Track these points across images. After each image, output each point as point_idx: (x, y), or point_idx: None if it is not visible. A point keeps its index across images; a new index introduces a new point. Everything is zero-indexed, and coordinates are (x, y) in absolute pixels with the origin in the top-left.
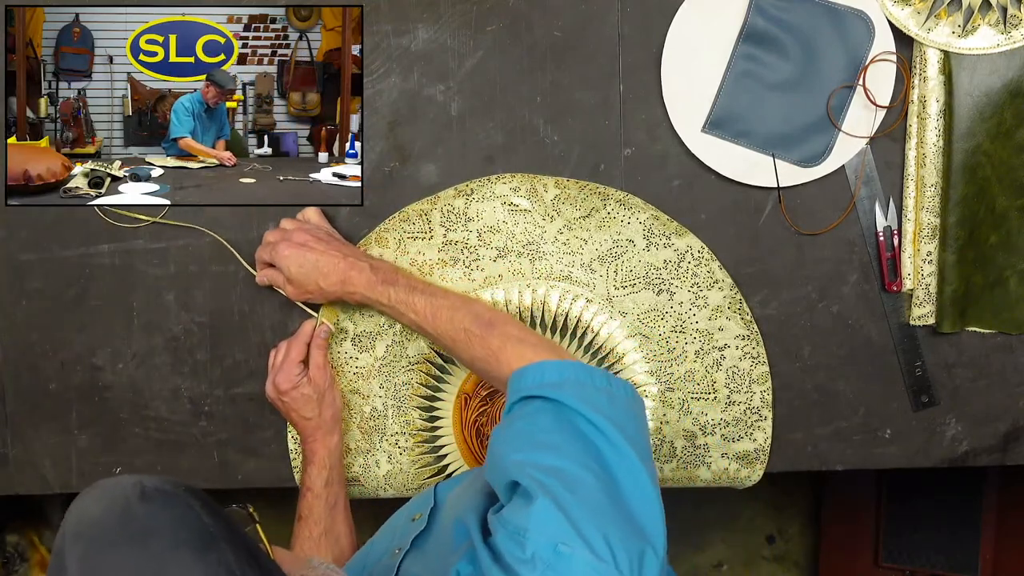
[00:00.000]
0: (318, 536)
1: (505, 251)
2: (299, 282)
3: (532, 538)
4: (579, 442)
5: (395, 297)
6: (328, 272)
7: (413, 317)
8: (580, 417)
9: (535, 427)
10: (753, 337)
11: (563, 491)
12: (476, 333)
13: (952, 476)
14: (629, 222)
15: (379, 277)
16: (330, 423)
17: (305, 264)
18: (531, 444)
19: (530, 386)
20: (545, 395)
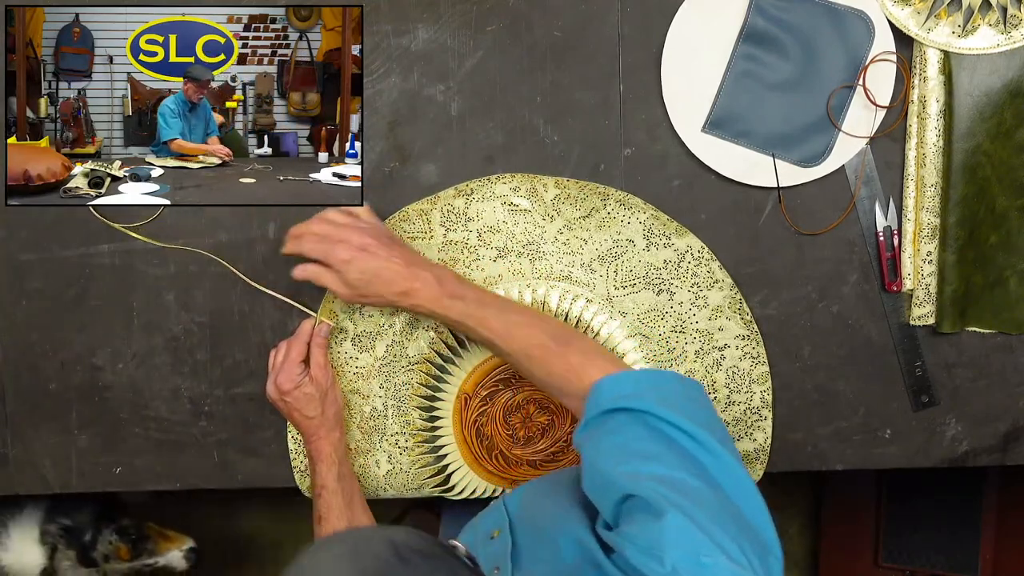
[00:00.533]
0: None
1: (505, 251)
2: (358, 288)
3: (670, 552)
4: (674, 449)
5: (465, 312)
6: (391, 280)
7: (485, 334)
8: (667, 424)
9: (629, 438)
10: (753, 337)
11: (686, 501)
12: (554, 349)
13: (952, 476)
14: (629, 222)
15: (446, 290)
16: (333, 420)
17: (367, 271)
18: (633, 456)
19: (609, 399)
20: (628, 407)
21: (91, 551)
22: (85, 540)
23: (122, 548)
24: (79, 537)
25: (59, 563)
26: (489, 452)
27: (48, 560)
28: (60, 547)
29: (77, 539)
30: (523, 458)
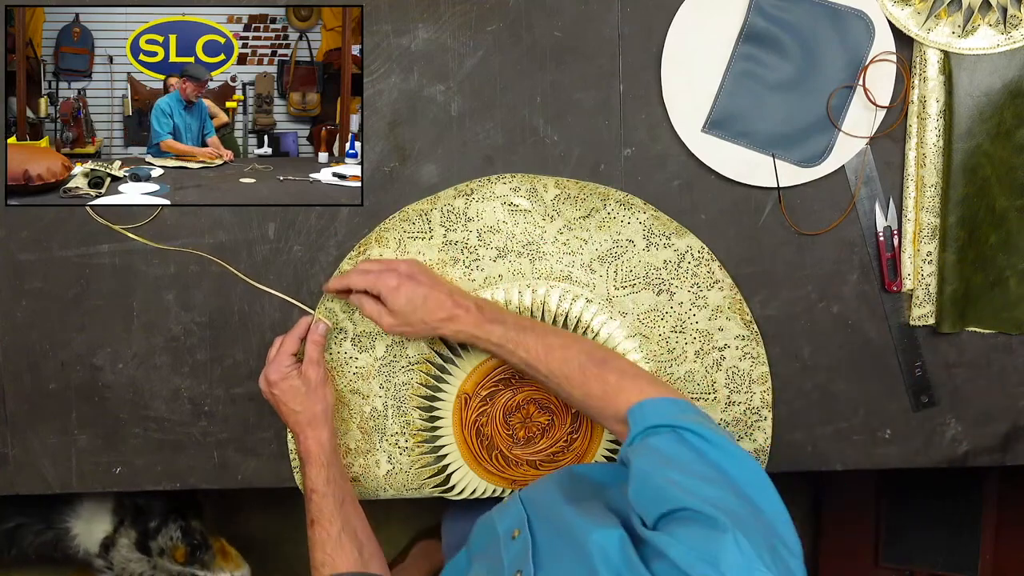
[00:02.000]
0: (336, 535)
1: (505, 251)
2: (403, 315)
3: (726, 561)
4: (716, 469)
5: (505, 336)
6: (434, 308)
7: (524, 356)
8: (708, 443)
9: (680, 455)
10: (753, 337)
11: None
12: (592, 370)
13: (952, 476)
14: (629, 222)
15: (486, 316)
16: (320, 418)
17: (415, 298)
18: (686, 473)
19: (655, 415)
20: (676, 424)
21: (151, 539)
22: (150, 526)
23: (180, 548)
24: (146, 521)
25: (119, 538)
26: (489, 452)
27: (113, 531)
28: (126, 523)
29: (143, 522)
30: (523, 458)
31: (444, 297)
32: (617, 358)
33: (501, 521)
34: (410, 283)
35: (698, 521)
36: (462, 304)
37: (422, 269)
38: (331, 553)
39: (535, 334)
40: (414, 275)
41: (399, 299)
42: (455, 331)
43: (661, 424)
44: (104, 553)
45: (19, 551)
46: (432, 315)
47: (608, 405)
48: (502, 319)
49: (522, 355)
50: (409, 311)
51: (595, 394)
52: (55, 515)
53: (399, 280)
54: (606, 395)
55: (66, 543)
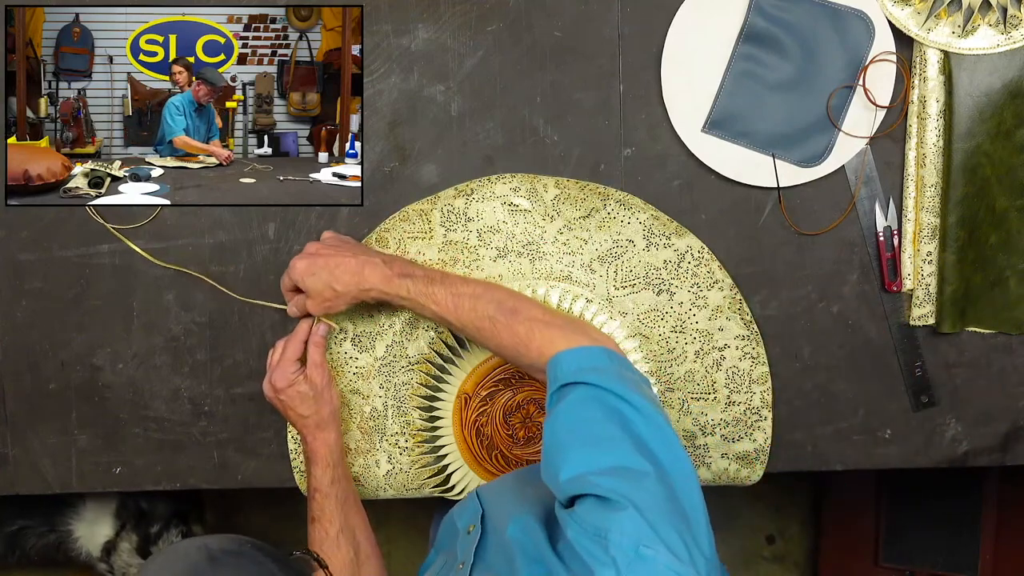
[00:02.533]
0: (335, 535)
1: (505, 251)
2: (316, 291)
3: (614, 539)
4: (629, 432)
5: (413, 289)
6: (340, 274)
7: (435, 308)
8: (623, 402)
9: (584, 419)
10: (753, 337)
11: (638, 491)
12: (501, 320)
13: (952, 476)
14: (629, 222)
15: (394, 271)
16: (328, 420)
17: (318, 271)
18: (587, 441)
19: (568, 372)
20: (585, 380)
21: (152, 544)
22: (152, 531)
23: None
24: (147, 526)
25: (120, 542)
26: (489, 452)
27: (114, 535)
28: (128, 527)
29: (145, 527)
30: (523, 458)
31: (347, 259)
32: (529, 306)
33: (460, 517)
34: (311, 259)
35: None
36: (368, 263)
37: (327, 243)
38: (327, 552)
39: (444, 286)
40: (316, 252)
41: (306, 279)
42: (365, 291)
43: (572, 382)
44: (106, 557)
45: (22, 553)
46: (339, 282)
47: (521, 355)
48: (410, 272)
49: (433, 308)
50: (321, 286)
51: (506, 345)
52: (58, 518)
53: (302, 261)
54: (517, 346)
55: (68, 545)
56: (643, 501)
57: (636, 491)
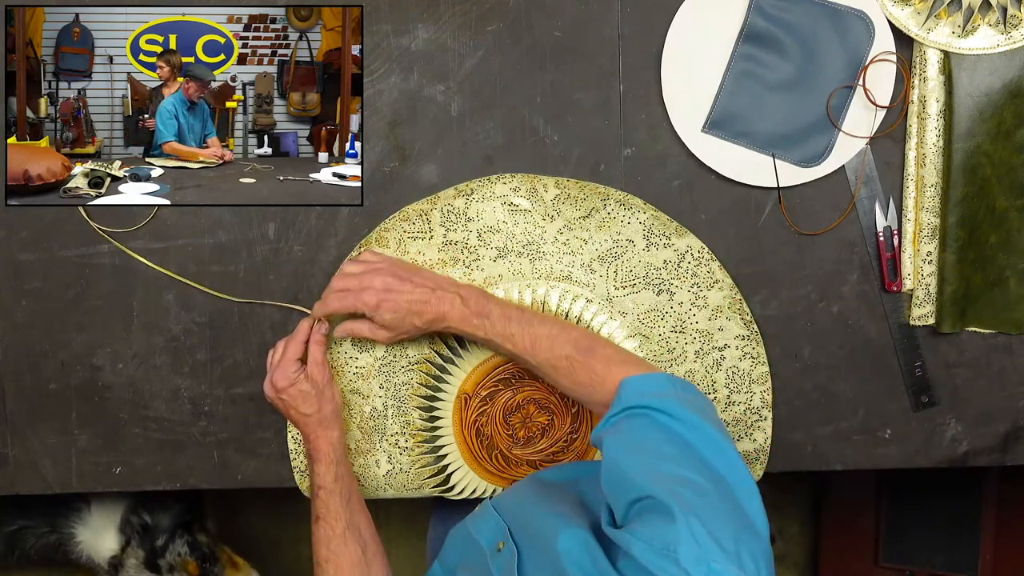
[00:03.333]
0: (341, 532)
1: (505, 251)
2: (394, 327)
3: (684, 554)
4: (690, 452)
5: (491, 330)
6: (420, 311)
7: (511, 348)
8: (686, 425)
9: (651, 439)
10: (753, 337)
11: (701, 504)
12: (578, 360)
13: (952, 476)
14: (629, 222)
15: (471, 309)
16: (330, 418)
17: (398, 310)
18: (653, 456)
19: (634, 395)
20: (650, 404)
21: (159, 557)
22: (157, 544)
23: (191, 563)
24: (153, 539)
25: (127, 558)
26: (489, 452)
27: (120, 551)
28: (133, 543)
29: (150, 540)
30: (523, 458)
31: (427, 297)
32: (604, 345)
33: (480, 533)
34: (389, 296)
35: (656, 510)
36: (446, 299)
37: (397, 275)
38: (335, 550)
39: (520, 325)
40: (390, 287)
41: (385, 316)
42: (445, 327)
43: (634, 406)
44: (114, 572)
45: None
46: (421, 319)
47: (595, 392)
48: (487, 312)
49: (509, 348)
50: (397, 322)
51: (583, 382)
52: (60, 519)
53: (378, 297)
54: (593, 383)
55: (69, 547)
56: (706, 513)
57: (699, 502)
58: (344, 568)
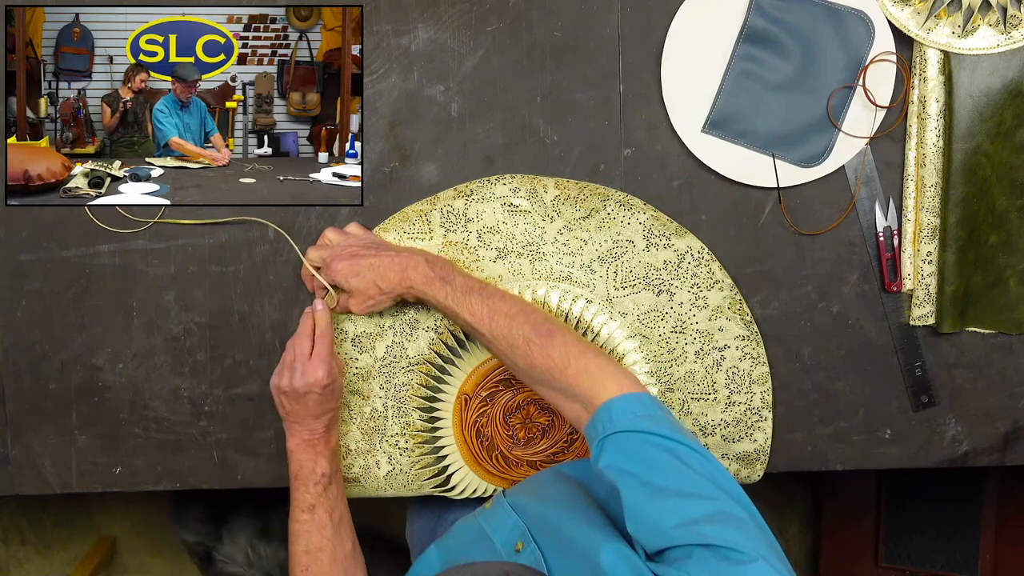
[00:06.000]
0: (337, 522)
1: (505, 252)
2: (360, 290)
3: None
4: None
5: (451, 296)
6: (385, 271)
7: (468, 318)
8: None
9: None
10: (753, 337)
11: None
12: (536, 342)
13: (952, 476)
14: (629, 223)
15: (436, 272)
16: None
17: (361, 271)
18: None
19: (625, 420)
20: (644, 429)
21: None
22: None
23: None
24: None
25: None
26: (489, 453)
27: None
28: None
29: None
30: (523, 459)
31: (392, 258)
32: (565, 333)
33: (494, 531)
34: (355, 260)
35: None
36: (411, 261)
37: (366, 244)
38: (329, 537)
39: (482, 297)
40: (356, 252)
41: (350, 279)
42: (409, 289)
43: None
44: None
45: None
46: (384, 279)
47: (555, 378)
48: (450, 277)
49: (466, 317)
50: (363, 284)
51: (539, 366)
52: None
53: (343, 262)
54: (550, 369)
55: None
56: (763, 551)
57: (749, 539)
58: (339, 558)
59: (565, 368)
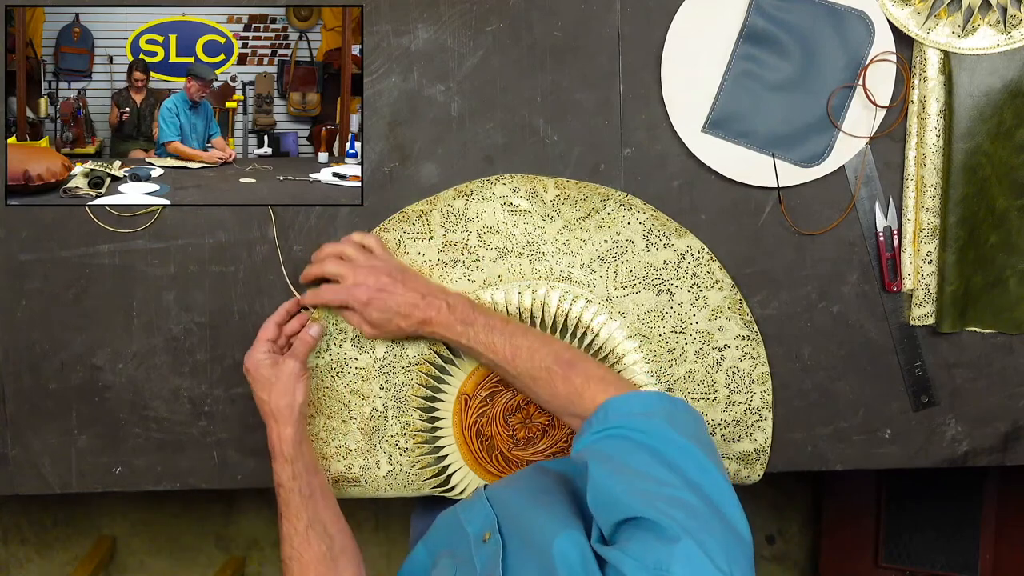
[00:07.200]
0: (304, 530)
1: (505, 252)
2: (380, 325)
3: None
4: (677, 472)
5: (474, 338)
6: (408, 314)
7: (492, 357)
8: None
9: (633, 459)
10: (753, 337)
11: (695, 526)
12: (558, 372)
13: (952, 476)
14: (629, 222)
15: (457, 317)
16: (283, 413)
17: (387, 310)
18: (643, 478)
19: (620, 415)
20: (630, 425)
21: None
22: None
23: None
24: None
25: None
26: (489, 453)
27: None
28: None
29: None
30: (523, 459)
31: (416, 300)
32: (584, 360)
33: (469, 521)
34: (381, 296)
35: (650, 530)
36: (434, 305)
37: (391, 275)
38: (298, 547)
39: (503, 336)
40: (383, 287)
41: (373, 313)
42: (430, 332)
43: (615, 427)
44: None
45: None
46: (407, 320)
47: (573, 404)
48: (472, 320)
49: (491, 356)
50: (384, 322)
51: (560, 394)
52: None
53: (370, 295)
54: (571, 396)
55: None
56: (702, 535)
57: (694, 522)
58: (309, 565)
59: (584, 392)
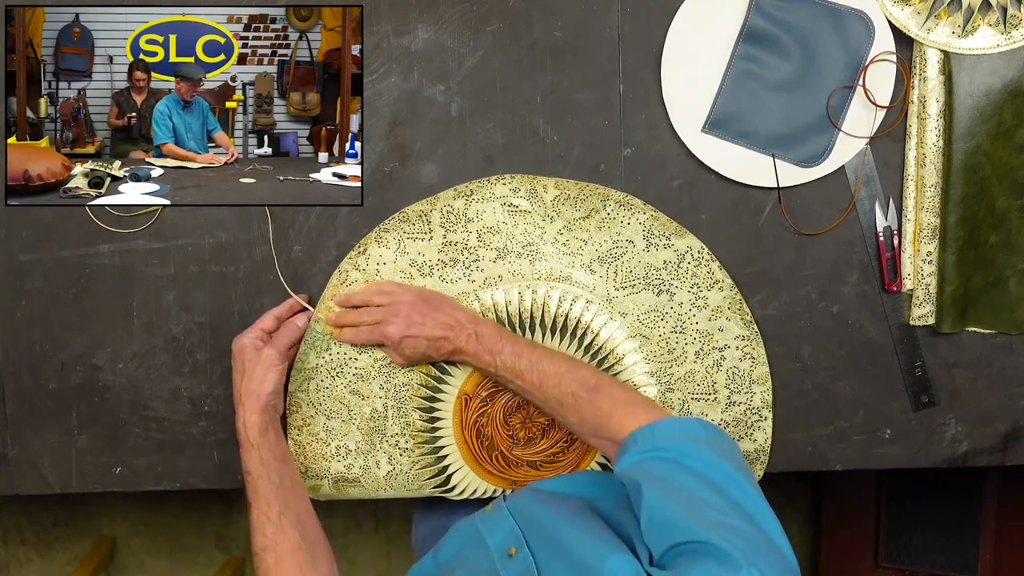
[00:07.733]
0: (276, 517)
1: (505, 252)
2: (412, 359)
3: None
4: (723, 494)
5: (501, 366)
6: (438, 347)
7: (520, 384)
8: (710, 467)
9: (685, 483)
10: (753, 337)
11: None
12: (584, 397)
13: (952, 476)
14: (629, 223)
15: (484, 346)
16: (251, 398)
17: (418, 347)
18: (695, 501)
19: (666, 439)
20: (683, 450)
21: None
22: None
23: None
24: None
25: None
26: (489, 453)
27: None
28: None
29: None
30: (523, 459)
31: (446, 334)
32: (610, 385)
33: (490, 533)
34: (410, 332)
35: (712, 556)
36: (462, 336)
37: (420, 310)
38: (272, 536)
39: (530, 362)
40: (412, 324)
41: (406, 349)
42: (460, 360)
43: (663, 447)
44: None
45: None
46: (438, 352)
47: (602, 428)
48: (499, 349)
49: (518, 383)
50: (417, 356)
51: (588, 419)
52: None
53: (401, 334)
54: (598, 420)
55: None
56: (756, 558)
57: (752, 549)
58: (285, 555)
59: (612, 416)
